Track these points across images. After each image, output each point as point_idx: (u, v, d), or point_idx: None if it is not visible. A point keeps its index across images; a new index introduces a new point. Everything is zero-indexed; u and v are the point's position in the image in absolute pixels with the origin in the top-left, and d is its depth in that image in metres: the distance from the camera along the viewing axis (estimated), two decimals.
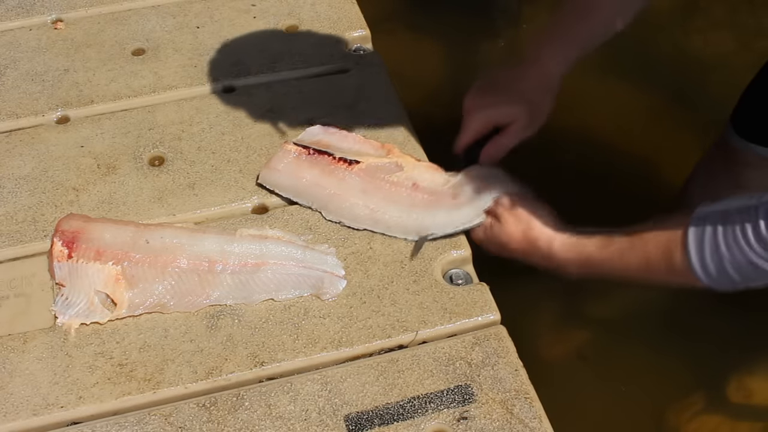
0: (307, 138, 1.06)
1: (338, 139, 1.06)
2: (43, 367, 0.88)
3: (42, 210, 1.02)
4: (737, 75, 1.21)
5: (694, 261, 0.79)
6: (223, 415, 0.84)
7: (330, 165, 1.02)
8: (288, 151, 1.04)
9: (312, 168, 1.02)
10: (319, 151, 1.03)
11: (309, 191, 1.01)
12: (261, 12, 1.29)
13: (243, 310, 0.92)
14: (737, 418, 1.21)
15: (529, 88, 1.01)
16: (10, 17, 1.29)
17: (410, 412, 0.83)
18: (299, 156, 1.03)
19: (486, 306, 0.92)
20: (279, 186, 1.02)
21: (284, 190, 1.02)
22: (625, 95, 1.65)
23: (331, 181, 1.01)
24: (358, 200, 0.99)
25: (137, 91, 1.17)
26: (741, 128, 1.17)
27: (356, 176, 1.01)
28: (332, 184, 1.01)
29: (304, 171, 1.02)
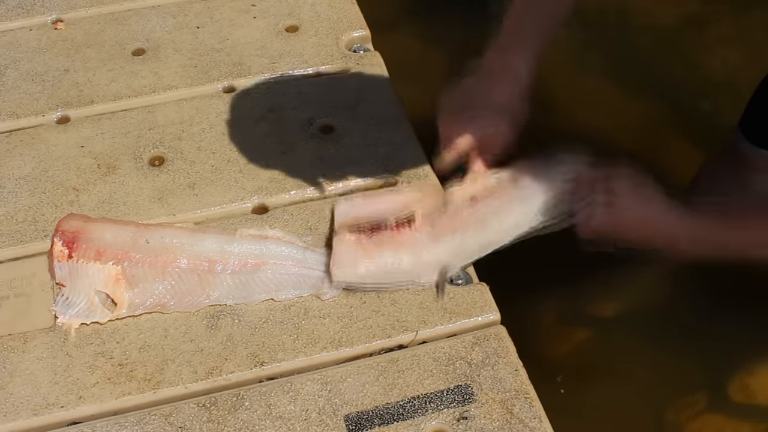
0: (347, 219, 0.98)
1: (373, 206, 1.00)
2: (43, 367, 0.88)
3: (42, 210, 1.02)
4: (743, 85, 1.20)
5: None
6: (223, 415, 0.84)
7: (394, 236, 0.95)
8: (344, 240, 0.96)
9: (381, 248, 0.95)
10: (373, 228, 0.97)
11: (393, 273, 0.94)
12: (261, 12, 1.29)
13: (243, 310, 0.92)
14: (740, 418, 1.21)
15: (504, 99, 0.99)
16: (11, 17, 1.29)
17: (410, 412, 0.83)
18: (359, 241, 0.95)
19: (486, 306, 0.92)
20: (359, 279, 0.94)
21: (366, 281, 0.94)
22: (628, 103, 1.65)
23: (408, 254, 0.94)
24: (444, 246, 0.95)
25: (137, 91, 1.17)
26: (750, 133, 1.16)
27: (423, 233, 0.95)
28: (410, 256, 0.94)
29: (375, 255, 0.94)
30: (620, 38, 1.76)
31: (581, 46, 1.73)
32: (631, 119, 1.60)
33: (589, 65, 1.70)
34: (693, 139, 1.55)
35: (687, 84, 1.67)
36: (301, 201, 1.03)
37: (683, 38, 1.77)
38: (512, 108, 1.00)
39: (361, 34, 1.26)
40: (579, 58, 1.72)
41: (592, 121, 1.58)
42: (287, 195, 1.04)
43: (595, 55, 1.74)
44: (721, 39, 1.76)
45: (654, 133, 1.58)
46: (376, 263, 0.94)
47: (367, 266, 0.94)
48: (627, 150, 1.51)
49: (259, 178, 1.05)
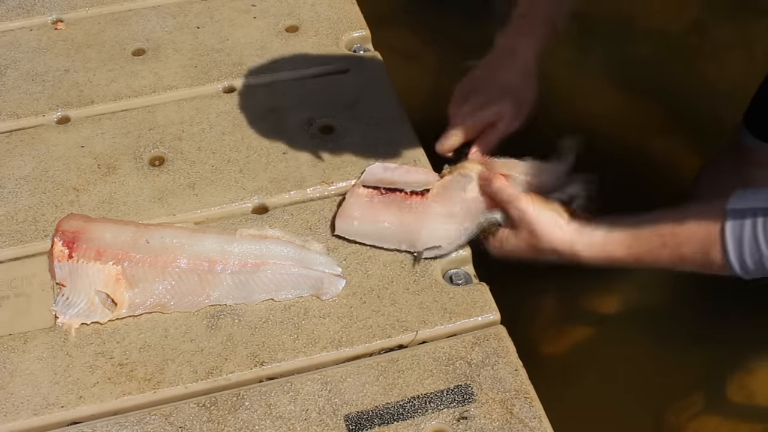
0: (371, 178, 1.02)
1: (401, 173, 1.02)
2: (43, 367, 0.88)
3: (42, 210, 1.02)
4: (744, 90, 1.21)
5: (733, 260, 0.78)
6: (223, 414, 0.84)
7: (405, 201, 0.98)
8: (360, 195, 0.99)
9: (388, 208, 0.97)
10: (389, 190, 0.99)
11: (393, 233, 0.96)
12: (261, 12, 1.30)
13: (243, 310, 0.92)
14: (738, 419, 1.21)
15: (510, 80, 1.00)
16: (11, 17, 1.29)
17: (410, 411, 0.83)
18: (371, 198, 0.98)
19: (486, 306, 0.92)
20: (359, 234, 0.97)
21: (366, 237, 0.97)
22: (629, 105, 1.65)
23: (412, 216, 0.97)
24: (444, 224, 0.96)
25: (137, 91, 1.17)
26: (755, 128, 1.16)
27: (433, 203, 0.97)
28: (415, 219, 0.97)
29: (381, 213, 0.97)
30: (623, 41, 1.76)
31: (584, 48, 1.74)
32: (632, 121, 1.61)
33: (592, 67, 1.70)
34: (692, 142, 1.55)
35: (688, 88, 1.67)
36: (301, 201, 1.03)
37: (686, 43, 1.77)
38: (517, 88, 1.00)
39: (361, 34, 1.26)
40: (581, 59, 1.72)
41: (593, 123, 1.58)
42: (287, 195, 1.04)
43: (597, 58, 1.74)
44: (722, 45, 1.76)
45: (654, 136, 1.58)
46: (376, 223, 0.97)
47: (369, 224, 0.97)
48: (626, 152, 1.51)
49: (259, 178, 1.05)
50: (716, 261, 0.80)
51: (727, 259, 0.79)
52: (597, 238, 0.88)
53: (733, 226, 0.78)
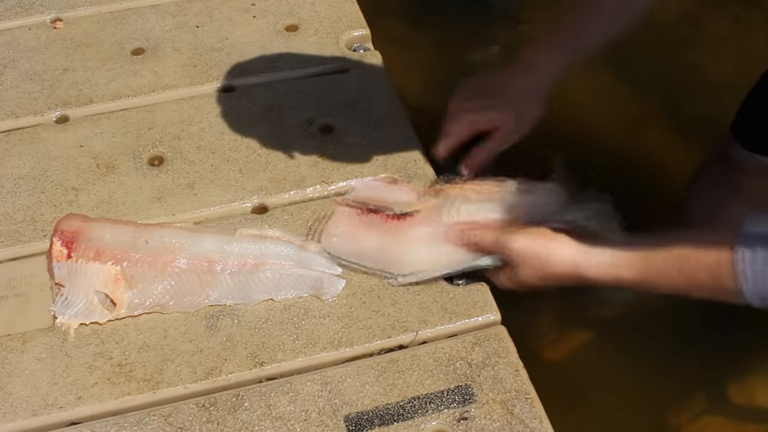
0: (358, 195, 1.01)
1: (390, 192, 1.01)
2: (42, 368, 0.87)
3: (41, 210, 1.02)
4: (739, 85, 1.20)
5: (747, 288, 0.77)
6: (222, 415, 0.84)
7: (386, 223, 0.97)
8: (342, 213, 0.99)
9: (369, 230, 0.96)
10: (371, 210, 0.99)
11: (372, 256, 0.95)
12: (261, 12, 1.29)
13: (242, 310, 0.92)
14: (740, 420, 1.21)
15: (518, 93, 0.99)
16: (9, 16, 1.29)
17: (410, 412, 0.83)
18: (352, 218, 0.98)
19: (486, 306, 0.92)
20: (341, 252, 0.96)
21: (347, 255, 0.95)
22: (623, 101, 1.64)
23: (389, 239, 0.95)
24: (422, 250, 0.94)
25: (137, 90, 1.17)
26: (743, 139, 1.16)
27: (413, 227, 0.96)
28: (391, 242, 0.95)
29: (362, 235, 0.96)
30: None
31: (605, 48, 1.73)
32: (626, 117, 1.60)
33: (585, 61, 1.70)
34: (688, 138, 1.55)
35: (683, 83, 1.67)
36: (301, 201, 1.03)
37: (680, 37, 1.77)
38: (524, 101, 0.99)
39: (361, 33, 1.26)
40: None
41: (587, 119, 1.58)
42: (287, 195, 1.04)
43: None
44: (718, 38, 1.76)
45: (649, 132, 1.58)
46: (356, 242, 0.96)
47: (349, 243, 0.96)
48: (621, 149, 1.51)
49: (259, 178, 1.05)
50: (728, 287, 0.78)
51: (740, 287, 0.77)
52: (605, 259, 0.86)
53: (747, 254, 0.76)
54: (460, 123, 1.00)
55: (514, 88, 0.99)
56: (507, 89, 1.00)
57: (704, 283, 0.80)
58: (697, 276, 0.81)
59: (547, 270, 0.88)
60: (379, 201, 1.00)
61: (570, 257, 0.87)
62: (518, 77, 1.00)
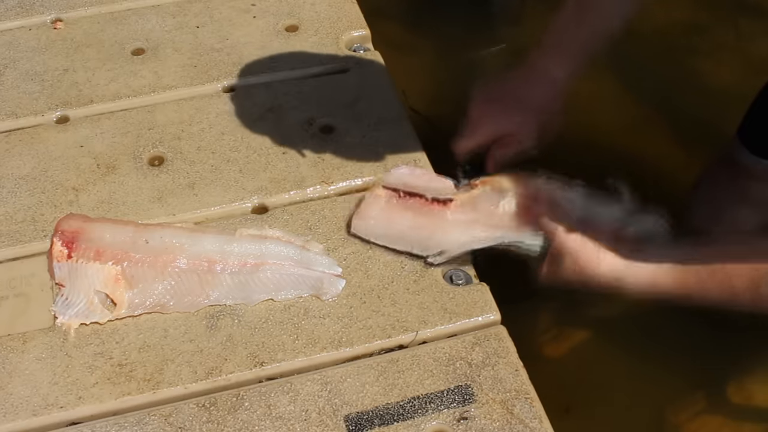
0: (393, 180, 1.01)
1: (425, 180, 1.01)
2: (42, 367, 0.88)
3: (41, 210, 1.02)
4: (743, 93, 1.20)
5: None
6: (222, 415, 0.84)
7: (423, 207, 0.97)
8: (378, 197, 0.98)
9: (405, 212, 0.97)
10: (409, 194, 0.99)
11: (407, 235, 0.95)
12: (261, 12, 1.29)
13: (243, 310, 0.92)
14: (738, 419, 1.21)
15: (539, 99, 1.00)
16: (10, 17, 1.29)
17: (410, 412, 0.83)
18: (390, 200, 0.98)
19: (486, 306, 0.92)
20: (374, 234, 0.96)
21: (380, 238, 0.96)
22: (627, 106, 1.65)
23: (429, 221, 0.96)
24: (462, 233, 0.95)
25: (137, 90, 1.17)
26: (751, 143, 1.16)
27: (456, 212, 0.96)
28: (431, 224, 0.96)
29: (398, 216, 0.97)
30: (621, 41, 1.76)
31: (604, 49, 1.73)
32: (630, 124, 1.60)
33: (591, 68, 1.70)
34: (691, 145, 1.55)
35: (687, 90, 1.67)
36: (301, 201, 1.03)
37: (684, 43, 1.77)
38: (544, 110, 1.00)
39: (361, 33, 1.26)
40: None
41: (590, 125, 1.58)
42: (287, 195, 1.04)
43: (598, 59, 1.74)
44: (722, 46, 1.76)
45: (652, 139, 1.58)
46: (391, 225, 0.96)
47: (384, 225, 0.96)
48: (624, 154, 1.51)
49: (259, 178, 1.05)
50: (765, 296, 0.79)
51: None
52: (646, 272, 0.87)
53: None
54: (484, 127, 1.01)
55: (534, 96, 1.00)
56: (525, 95, 1.01)
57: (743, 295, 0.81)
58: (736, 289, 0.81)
59: (589, 272, 0.89)
60: (415, 187, 1.00)
61: (614, 266, 0.88)
62: (534, 83, 1.01)
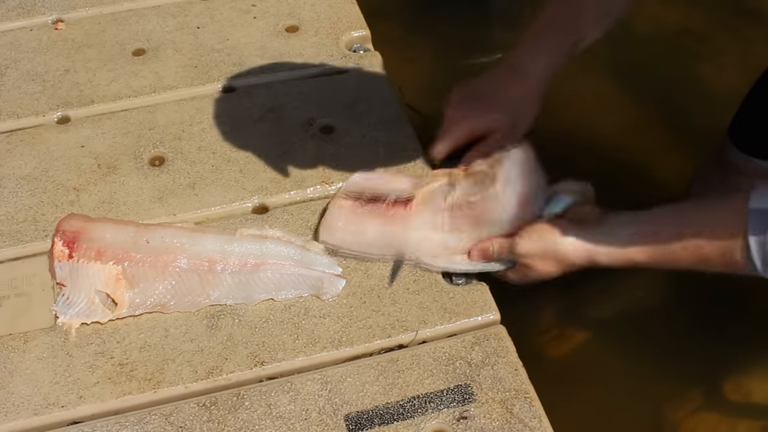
0: (353, 188, 1.01)
1: (383, 182, 1.02)
2: (43, 367, 0.88)
3: (42, 210, 1.02)
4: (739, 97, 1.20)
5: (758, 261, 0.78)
6: (223, 414, 0.84)
7: (387, 211, 0.98)
8: (341, 207, 0.99)
9: (372, 219, 0.97)
10: (372, 200, 0.99)
11: (377, 243, 0.96)
12: (261, 12, 1.30)
13: (243, 309, 0.93)
14: (736, 416, 1.21)
15: (513, 96, 1.00)
16: (11, 17, 1.29)
17: (410, 411, 0.83)
18: (354, 209, 0.98)
19: (486, 306, 0.92)
20: (343, 244, 0.97)
21: (350, 246, 0.96)
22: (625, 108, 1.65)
23: (396, 227, 0.96)
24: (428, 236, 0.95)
25: (138, 91, 1.17)
26: (740, 142, 1.16)
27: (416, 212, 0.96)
28: (398, 230, 0.96)
29: (365, 223, 0.97)
30: (622, 43, 1.76)
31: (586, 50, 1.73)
32: (628, 126, 1.61)
33: (589, 68, 1.70)
34: (688, 148, 1.55)
35: (686, 93, 1.67)
36: (301, 201, 1.04)
37: (684, 47, 1.77)
38: (520, 105, 0.99)
39: (361, 34, 1.26)
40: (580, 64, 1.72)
41: (588, 125, 1.58)
42: (287, 195, 1.04)
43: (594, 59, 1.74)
44: (722, 50, 1.76)
45: (650, 142, 1.58)
46: (360, 233, 0.96)
47: (353, 233, 0.96)
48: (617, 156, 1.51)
49: (259, 178, 1.05)
50: (738, 261, 0.80)
51: (749, 259, 0.78)
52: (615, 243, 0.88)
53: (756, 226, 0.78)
54: (459, 126, 1.01)
55: (509, 91, 1.00)
56: (502, 93, 1.00)
57: (715, 258, 0.82)
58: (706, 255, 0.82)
59: (560, 260, 0.90)
60: (375, 191, 1.00)
61: (578, 245, 0.89)
62: (511, 81, 1.01)
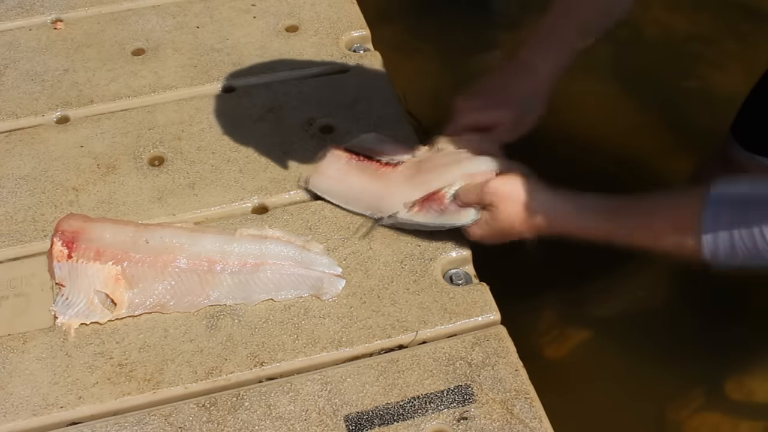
0: (359, 144, 1.05)
1: (390, 147, 1.04)
2: (42, 367, 0.88)
3: (42, 210, 1.02)
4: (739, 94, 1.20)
5: (707, 249, 0.79)
6: (223, 415, 0.84)
7: (377, 170, 1.01)
8: (338, 156, 1.03)
9: (361, 174, 1.01)
10: (367, 157, 1.02)
11: (359, 198, 1.00)
12: (261, 12, 1.29)
13: (243, 310, 0.92)
14: (738, 416, 1.21)
15: (521, 93, 1.01)
16: (10, 17, 1.29)
17: (410, 412, 0.83)
18: (349, 161, 1.02)
19: (486, 306, 0.92)
20: (329, 192, 1.01)
21: (334, 196, 1.01)
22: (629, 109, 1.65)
23: (379, 185, 0.99)
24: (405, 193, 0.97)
25: (137, 91, 1.17)
26: (744, 140, 1.16)
27: (400, 173, 0.99)
28: (380, 188, 0.99)
29: (353, 177, 1.01)
30: (623, 46, 1.76)
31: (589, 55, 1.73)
32: (632, 129, 1.61)
33: (593, 69, 1.70)
34: (693, 151, 1.55)
35: (691, 97, 1.67)
36: (301, 201, 1.03)
37: (689, 50, 1.77)
38: (525, 102, 1.01)
39: (361, 33, 1.26)
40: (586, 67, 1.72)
41: (590, 125, 1.58)
42: (287, 195, 1.04)
43: (599, 61, 1.74)
44: (726, 53, 1.76)
45: (654, 144, 1.58)
46: (347, 186, 1.00)
47: (340, 184, 1.01)
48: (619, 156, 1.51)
49: (259, 178, 1.05)
50: (689, 246, 0.80)
51: (701, 248, 0.79)
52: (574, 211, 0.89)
53: (711, 216, 0.78)
54: (465, 119, 1.02)
55: (516, 88, 1.01)
56: (509, 89, 1.02)
57: (667, 242, 0.83)
58: (660, 235, 0.83)
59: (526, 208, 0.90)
60: (378, 152, 1.03)
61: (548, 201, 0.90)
62: (519, 78, 1.02)
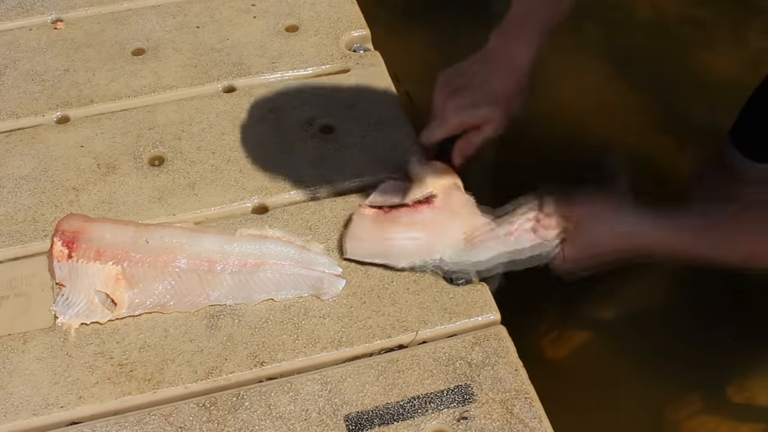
0: (381, 195, 1.00)
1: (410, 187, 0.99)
2: (43, 367, 0.88)
3: (42, 210, 1.02)
4: (740, 88, 1.20)
5: None
6: (223, 415, 0.84)
7: (412, 214, 0.95)
8: (364, 216, 0.97)
9: (395, 225, 0.95)
10: (393, 207, 0.97)
11: (405, 248, 0.94)
12: (261, 12, 1.29)
13: (243, 310, 0.92)
14: (738, 419, 1.21)
15: (504, 87, 0.99)
16: (10, 17, 1.29)
17: (410, 412, 0.83)
18: (377, 218, 0.96)
19: (486, 306, 0.92)
20: (370, 255, 0.95)
21: (377, 256, 0.94)
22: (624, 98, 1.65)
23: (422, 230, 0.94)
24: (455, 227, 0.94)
25: (137, 91, 1.17)
26: (743, 146, 1.15)
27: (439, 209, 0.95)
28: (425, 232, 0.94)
29: (389, 232, 0.95)
30: (616, 31, 1.76)
31: (582, 37, 1.73)
32: (626, 115, 1.61)
33: (588, 58, 1.70)
34: (688, 143, 1.55)
35: (684, 83, 1.67)
36: (301, 201, 1.03)
37: (682, 38, 1.77)
38: (508, 95, 0.99)
39: (361, 33, 1.26)
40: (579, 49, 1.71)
41: (586, 116, 1.58)
42: (287, 195, 1.04)
43: (595, 48, 1.74)
44: (722, 40, 1.76)
45: (648, 130, 1.58)
46: (385, 241, 0.94)
47: (377, 243, 0.95)
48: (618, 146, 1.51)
49: (259, 178, 1.05)
50: None
51: None
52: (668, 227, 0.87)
53: None
54: (452, 118, 1.00)
55: (499, 84, 0.99)
56: (491, 85, 1.00)
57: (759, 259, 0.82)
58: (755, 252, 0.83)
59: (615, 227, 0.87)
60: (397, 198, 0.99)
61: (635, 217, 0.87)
62: (501, 72, 1.00)
